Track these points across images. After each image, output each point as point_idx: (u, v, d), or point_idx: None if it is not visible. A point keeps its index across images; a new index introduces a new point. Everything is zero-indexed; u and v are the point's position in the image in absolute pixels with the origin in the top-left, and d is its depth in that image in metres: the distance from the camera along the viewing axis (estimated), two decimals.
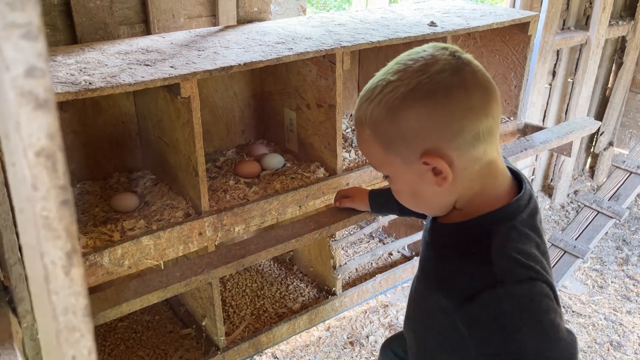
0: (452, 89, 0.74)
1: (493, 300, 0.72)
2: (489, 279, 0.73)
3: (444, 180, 0.78)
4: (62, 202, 0.31)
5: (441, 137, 0.75)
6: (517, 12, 1.90)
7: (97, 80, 1.11)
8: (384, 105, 0.76)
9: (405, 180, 0.81)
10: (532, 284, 0.73)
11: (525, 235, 0.78)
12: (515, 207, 0.79)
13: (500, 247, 0.75)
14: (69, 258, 0.32)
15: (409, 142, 0.77)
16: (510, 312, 0.71)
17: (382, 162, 0.82)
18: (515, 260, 0.74)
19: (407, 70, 0.76)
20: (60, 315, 0.33)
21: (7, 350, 0.79)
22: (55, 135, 0.29)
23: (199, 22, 1.69)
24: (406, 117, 0.75)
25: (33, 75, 0.27)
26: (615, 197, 2.02)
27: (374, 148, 0.81)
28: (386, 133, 0.78)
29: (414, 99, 0.74)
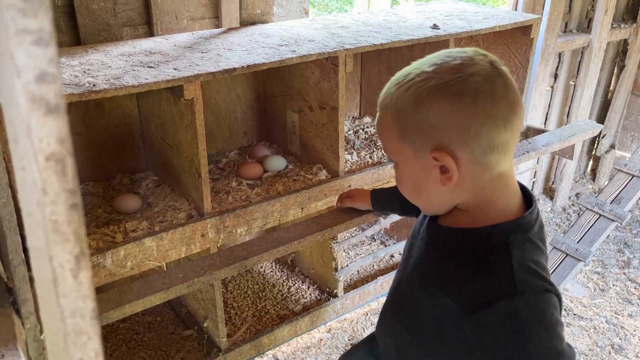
0: (480, 94, 0.75)
1: (512, 309, 0.74)
2: (509, 288, 0.74)
3: (449, 180, 0.79)
4: (71, 206, 0.31)
5: (457, 137, 0.76)
6: (520, 15, 1.90)
7: (100, 82, 1.12)
8: (411, 93, 0.78)
9: (412, 171, 0.82)
10: (547, 296, 0.75)
11: (538, 247, 0.80)
12: (529, 220, 0.81)
13: (519, 258, 0.77)
14: (78, 261, 0.32)
15: (425, 134, 0.78)
16: (525, 321, 0.73)
17: (394, 147, 0.83)
18: (533, 272, 0.76)
19: (443, 65, 0.77)
20: (68, 318, 0.33)
21: (10, 352, 0.79)
22: (65, 140, 0.29)
23: (202, 24, 1.69)
24: (430, 109, 0.76)
25: (44, 81, 0.27)
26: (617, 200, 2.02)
27: (391, 132, 0.82)
28: (406, 120, 0.79)
29: (442, 94, 0.75)
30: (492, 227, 0.80)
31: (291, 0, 1.87)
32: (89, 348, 0.35)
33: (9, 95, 0.29)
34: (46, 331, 0.38)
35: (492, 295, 0.75)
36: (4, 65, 0.28)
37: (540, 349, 0.73)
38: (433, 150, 0.77)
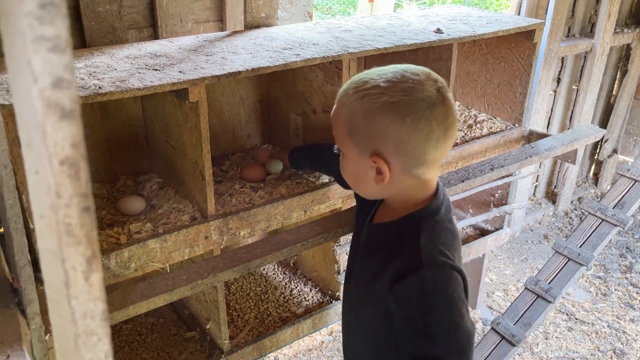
0: (421, 118, 0.88)
1: (417, 280, 0.87)
2: (416, 263, 0.88)
3: (382, 180, 0.93)
4: (84, 209, 0.31)
5: (394, 148, 0.90)
6: (523, 20, 1.91)
7: (106, 84, 1.12)
8: (365, 103, 0.90)
9: (354, 164, 0.96)
10: (450, 273, 0.89)
11: (446, 228, 0.95)
12: (436, 205, 0.96)
13: (427, 236, 0.92)
14: (89, 264, 0.33)
15: (369, 140, 0.91)
16: (429, 292, 0.87)
17: (343, 140, 0.96)
18: (439, 251, 0.90)
19: (397, 85, 0.89)
20: (79, 320, 0.34)
21: (16, 352, 0.80)
22: (79, 144, 0.30)
23: (207, 27, 1.70)
24: (377, 121, 0.89)
25: (60, 87, 0.28)
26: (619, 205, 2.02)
27: (342, 127, 0.95)
28: (356, 123, 0.92)
29: (390, 111, 0.88)
30: (406, 216, 0.96)
31: (295, 4, 1.88)
32: (99, 349, 0.35)
33: (25, 100, 0.30)
34: (56, 332, 0.39)
35: (404, 270, 0.89)
36: (20, 71, 0.29)
37: (441, 320, 0.85)
38: (372, 154, 0.91)
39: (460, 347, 0.86)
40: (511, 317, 2.00)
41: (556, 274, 1.99)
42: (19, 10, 0.26)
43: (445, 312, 0.86)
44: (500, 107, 2.10)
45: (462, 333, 0.86)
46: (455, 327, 0.85)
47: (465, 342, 0.86)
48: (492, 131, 2.01)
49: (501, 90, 2.07)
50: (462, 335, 0.86)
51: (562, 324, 2.60)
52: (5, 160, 0.77)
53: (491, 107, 2.13)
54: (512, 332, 1.94)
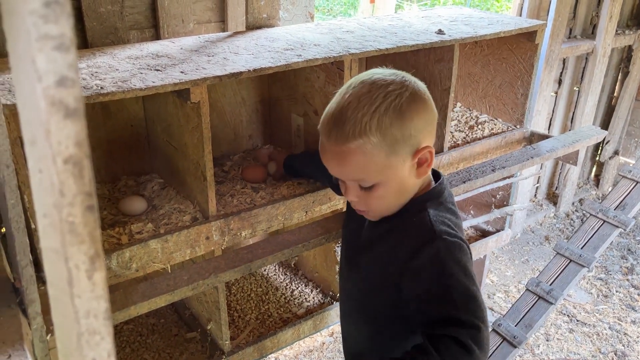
0: (425, 92, 0.94)
1: (433, 251, 0.89)
2: (429, 235, 0.90)
3: (428, 168, 0.94)
4: (88, 208, 0.31)
5: (430, 131, 0.94)
6: (525, 21, 1.91)
7: (108, 84, 1.13)
8: (392, 110, 0.88)
9: (397, 179, 0.94)
10: (461, 245, 0.92)
11: (450, 209, 0.99)
12: (439, 189, 1.00)
13: (435, 215, 0.94)
14: (92, 262, 0.33)
15: (412, 139, 0.90)
16: (445, 260, 0.88)
17: (380, 168, 0.91)
18: (448, 225, 0.93)
19: (395, 81, 0.90)
20: (82, 319, 0.34)
21: (17, 352, 0.80)
22: (83, 143, 0.30)
23: (208, 28, 1.70)
24: (412, 118, 0.89)
25: (64, 85, 0.28)
26: (621, 206, 2.02)
27: (376, 156, 0.90)
28: (394, 136, 0.89)
29: (415, 101, 0.90)
30: (412, 200, 0.98)
31: (297, 5, 1.88)
32: (101, 348, 0.35)
33: (29, 99, 0.30)
34: (58, 331, 0.39)
35: (417, 244, 0.90)
36: (24, 70, 0.29)
37: (460, 287, 0.86)
38: (417, 152, 0.91)
39: (481, 316, 0.86)
40: (512, 318, 2.00)
41: (557, 275, 1.99)
42: (23, 9, 0.26)
43: (462, 280, 0.87)
44: (501, 109, 2.10)
45: (479, 303, 0.87)
46: (473, 297, 0.86)
47: (482, 312, 0.86)
48: (494, 132, 2.01)
49: (502, 91, 2.07)
50: (479, 305, 0.86)
51: (563, 326, 2.60)
52: (7, 159, 0.77)
53: (492, 108, 2.13)
54: (513, 334, 1.94)
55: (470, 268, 0.90)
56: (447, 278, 0.87)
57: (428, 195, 0.98)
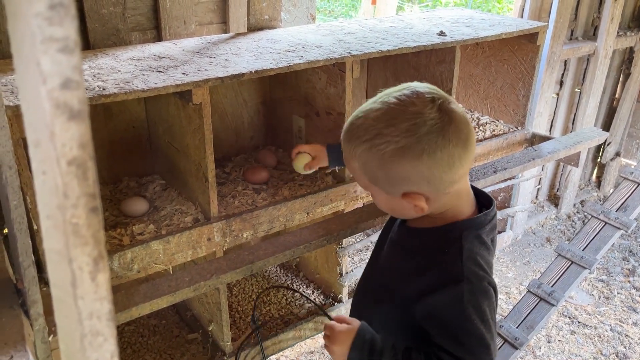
0: (436, 151, 0.85)
1: (457, 293, 0.87)
2: (457, 275, 0.88)
3: (421, 210, 0.91)
4: (91, 210, 0.32)
5: (422, 184, 0.88)
6: (526, 23, 1.91)
7: (110, 86, 1.13)
8: (375, 153, 0.87)
9: (387, 202, 0.94)
10: (487, 288, 0.89)
11: (486, 245, 0.94)
12: (482, 220, 0.94)
13: (469, 250, 0.90)
14: (96, 264, 0.33)
15: (394, 185, 0.89)
16: (467, 305, 0.87)
17: (367, 186, 0.95)
18: (479, 265, 0.90)
19: (398, 127, 0.85)
20: (85, 320, 0.34)
21: (19, 353, 0.80)
22: (86, 145, 0.30)
23: (210, 29, 1.71)
24: (393, 167, 0.87)
25: (68, 87, 0.28)
26: (622, 208, 2.01)
27: (361, 176, 0.93)
28: (373, 172, 0.90)
29: (402, 156, 0.85)
30: (448, 225, 0.94)
31: (298, 6, 1.89)
32: (104, 349, 0.36)
33: (33, 101, 0.30)
34: (61, 333, 0.39)
35: (442, 281, 0.89)
36: (28, 72, 0.29)
37: (475, 333, 0.86)
38: (403, 195, 0.90)
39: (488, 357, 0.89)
40: (514, 320, 1.99)
41: (559, 277, 1.99)
42: (28, 11, 0.26)
43: (478, 327, 0.87)
44: (503, 110, 2.10)
45: (490, 352, 0.88)
46: (485, 345, 0.87)
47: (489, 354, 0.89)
48: (495, 134, 2.01)
49: (504, 92, 2.07)
50: (490, 354, 0.88)
51: (564, 328, 2.59)
52: (10, 161, 0.78)
53: (494, 109, 2.13)
54: (514, 335, 1.94)
55: (491, 314, 0.89)
56: (464, 321, 0.87)
57: (468, 224, 0.93)
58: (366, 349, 0.91)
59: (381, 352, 0.90)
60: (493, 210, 0.96)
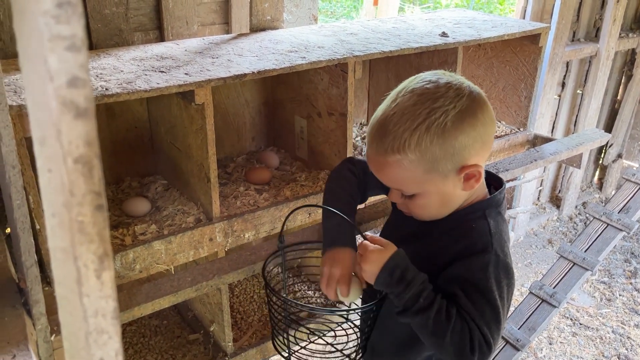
0: (483, 105, 0.89)
1: (485, 260, 0.89)
2: (486, 245, 0.90)
3: (476, 183, 0.91)
4: (97, 207, 0.32)
5: (479, 148, 0.89)
6: (529, 24, 1.91)
7: (113, 86, 1.13)
8: (435, 130, 0.85)
9: (440, 193, 0.92)
10: (510, 268, 0.92)
11: (505, 220, 0.98)
12: (499, 198, 0.98)
13: (495, 227, 0.93)
14: (101, 261, 0.33)
15: (455, 157, 0.88)
16: (491, 274, 0.88)
17: (418, 182, 0.91)
18: (504, 242, 0.93)
19: (446, 96, 0.87)
20: (90, 318, 0.34)
21: (22, 352, 0.80)
22: (93, 142, 0.30)
23: (212, 30, 1.71)
24: (457, 136, 0.86)
25: (75, 85, 0.28)
26: (625, 209, 2.01)
27: (413, 172, 0.89)
28: (434, 154, 0.87)
29: (462, 120, 0.86)
30: (471, 206, 0.96)
31: (300, 7, 1.89)
32: (109, 347, 0.35)
33: (40, 99, 0.30)
34: (65, 331, 0.39)
35: (472, 249, 0.91)
36: (35, 70, 0.29)
37: (490, 303, 0.87)
38: (461, 169, 0.89)
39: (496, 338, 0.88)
40: (515, 321, 1.99)
41: (561, 278, 1.99)
42: (36, 9, 0.27)
43: (496, 300, 0.88)
44: (505, 111, 2.10)
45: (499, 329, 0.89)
46: (498, 320, 0.88)
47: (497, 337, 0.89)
48: (497, 135, 2.01)
49: (506, 94, 2.07)
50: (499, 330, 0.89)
51: (566, 329, 2.59)
52: (13, 160, 0.78)
53: (496, 110, 2.13)
54: (516, 337, 1.93)
55: (507, 294, 0.91)
56: (484, 288, 0.88)
57: (488, 202, 0.96)
58: (396, 275, 0.88)
59: (410, 282, 0.87)
60: (504, 187, 1.01)
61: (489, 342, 0.86)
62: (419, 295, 0.87)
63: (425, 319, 0.86)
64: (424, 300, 0.86)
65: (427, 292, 0.87)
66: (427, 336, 0.88)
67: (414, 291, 0.87)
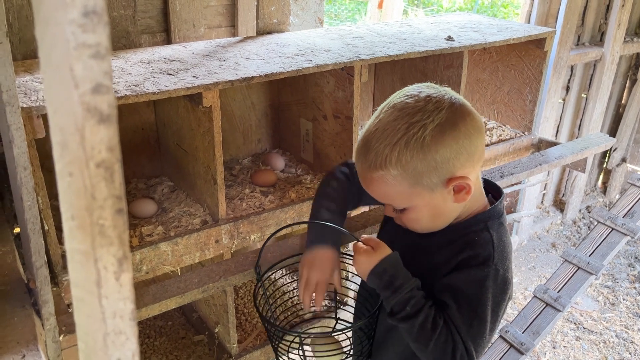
0: (466, 116, 0.87)
1: (483, 275, 0.88)
2: (487, 258, 0.89)
3: (467, 195, 0.89)
4: (117, 211, 0.32)
5: (466, 160, 0.87)
6: (534, 28, 1.91)
7: (122, 88, 1.14)
8: (414, 144, 0.85)
9: (429, 206, 0.91)
10: (507, 283, 0.91)
11: (507, 230, 0.97)
12: (500, 208, 0.97)
13: (497, 240, 0.92)
14: (120, 264, 0.34)
15: (439, 170, 0.87)
16: (487, 288, 0.88)
17: (406, 197, 0.90)
18: (506, 257, 0.92)
19: (424, 110, 0.86)
20: (109, 319, 0.35)
21: (32, 352, 0.80)
22: (114, 148, 0.31)
23: (219, 32, 1.72)
24: (437, 150, 0.85)
25: (99, 92, 0.29)
26: (629, 214, 2.01)
27: (398, 186, 0.88)
28: (416, 168, 0.86)
29: (443, 132, 0.85)
30: (472, 218, 0.94)
31: (306, 10, 1.89)
32: (126, 348, 0.36)
33: (62, 105, 0.30)
34: (81, 331, 0.40)
35: (476, 259, 0.89)
36: (59, 77, 0.30)
37: (481, 319, 0.87)
38: (447, 181, 0.87)
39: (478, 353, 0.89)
40: (520, 325, 1.99)
41: (565, 282, 1.98)
42: (62, 18, 0.27)
43: (487, 315, 0.88)
44: (509, 115, 2.10)
45: (485, 343, 0.90)
46: (484, 333, 0.89)
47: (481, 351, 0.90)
48: (502, 139, 2.01)
49: (511, 98, 2.07)
50: (483, 345, 0.90)
51: (570, 333, 2.59)
52: (25, 162, 0.78)
53: (501, 114, 2.13)
54: (520, 340, 1.94)
55: (500, 308, 0.91)
56: (479, 307, 0.88)
57: (490, 214, 0.95)
58: (384, 280, 0.89)
59: (397, 288, 0.88)
60: (503, 197, 1.00)
61: (471, 356, 0.88)
62: (406, 302, 0.88)
63: (410, 327, 0.87)
64: (410, 308, 0.87)
65: (415, 300, 0.88)
66: (410, 341, 0.90)
67: (400, 298, 0.88)
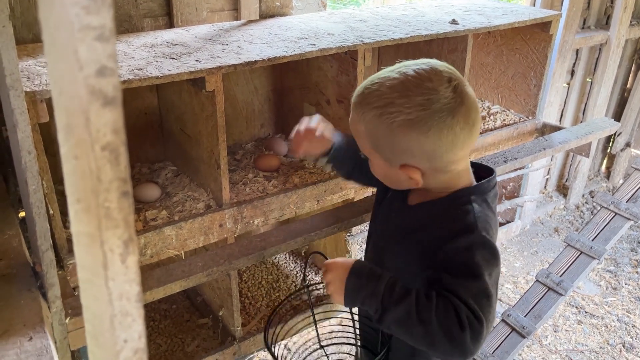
0: (443, 129, 0.87)
1: (469, 243, 0.88)
2: (470, 226, 0.90)
3: (415, 184, 0.93)
4: (123, 194, 0.32)
5: (423, 158, 0.90)
6: (539, 12, 1.89)
7: (125, 72, 1.14)
8: (383, 121, 0.88)
9: (384, 169, 0.96)
10: (494, 250, 0.90)
11: (492, 209, 0.97)
12: (486, 186, 0.97)
13: (480, 212, 0.92)
14: (126, 246, 0.34)
15: (395, 153, 0.91)
16: (477, 253, 0.87)
17: (367, 150, 0.96)
18: (489, 227, 0.92)
19: (412, 99, 0.87)
20: (115, 301, 0.35)
21: (38, 334, 0.81)
22: (119, 130, 0.31)
23: (221, 16, 1.71)
24: (400, 139, 0.88)
25: (103, 75, 0.29)
26: (633, 198, 2.01)
27: (364, 140, 0.94)
28: (378, 139, 0.91)
29: (411, 128, 0.87)
30: (455, 192, 0.95)
31: None
32: (133, 330, 0.37)
33: (67, 88, 0.30)
34: (88, 313, 0.40)
35: (457, 230, 0.90)
36: (64, 59, 0.30)
37: (480, 282, 0.85)
38: (401, 166, 0.91)
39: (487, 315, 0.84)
40: (522, 309, 2.00)
41: (568, 266, 1.99)
42: (66, 0, 0.27)
43: (484, 279, 0.85)
44: (514, 99, 2.09)
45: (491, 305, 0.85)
46: (487, 296, 0.85)
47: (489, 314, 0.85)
48: (506, 123, 2.00)
49: (515, 82, 2.06)
50: (490, 306, 0.85)
51: (571, 317, 2.60)
52: (29, 146, 0.79)
53: (505, 99, 2.12)
54: (522, 324, 1.95)
55: (493, 272, 0.88)
56: (473, 268, 0.86)
57: (474, 189, 0.96)
58: (364, 273, 0.88)
59: (380, 275, 0.88)
60: (494, 178, 0.99)
61: (479, 317, 0.82)
62: (393, 285, 0.86)
63: (408, 307, 0.83)
64: (399, 289, 0.85)
65: (400, 283, 0.87)
66: (415, 328, 0.83)
67: (386, 283, 0.86)
